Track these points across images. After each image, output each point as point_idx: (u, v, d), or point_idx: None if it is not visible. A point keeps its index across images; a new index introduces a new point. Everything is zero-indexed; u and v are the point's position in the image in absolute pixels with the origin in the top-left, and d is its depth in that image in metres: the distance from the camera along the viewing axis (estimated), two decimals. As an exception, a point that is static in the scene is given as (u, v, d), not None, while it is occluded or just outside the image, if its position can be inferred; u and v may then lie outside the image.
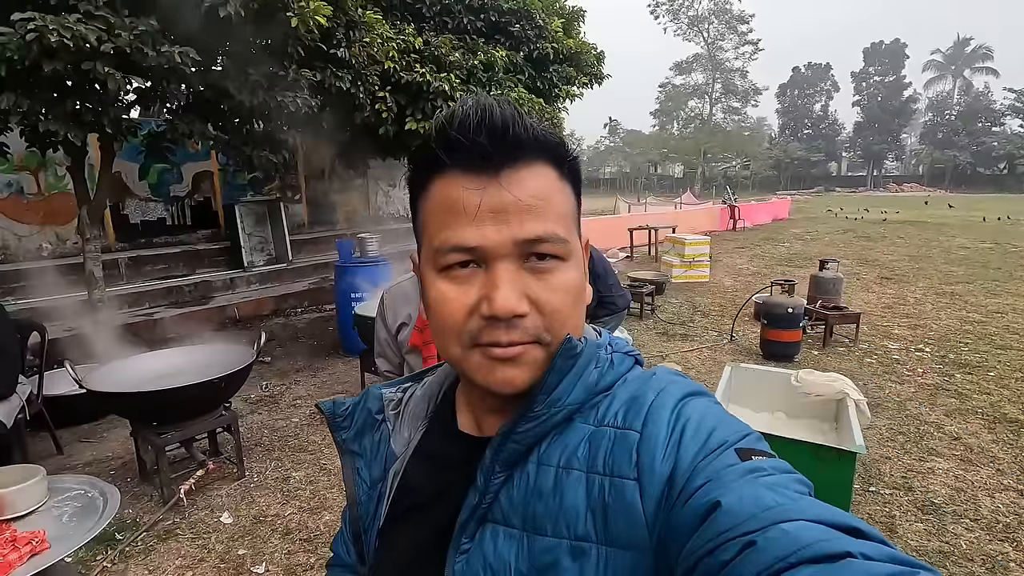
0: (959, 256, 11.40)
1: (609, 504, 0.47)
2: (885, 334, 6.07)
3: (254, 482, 3.34)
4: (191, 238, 7.76)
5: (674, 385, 0.53)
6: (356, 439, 0.66)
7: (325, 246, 8.84)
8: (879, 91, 54.28)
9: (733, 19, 47.90)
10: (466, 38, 6.04)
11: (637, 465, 0.47)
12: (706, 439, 0.47)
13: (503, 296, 0.48)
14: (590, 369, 0.53)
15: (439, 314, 0.53)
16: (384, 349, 1.71)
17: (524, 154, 0.50)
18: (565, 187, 0.53)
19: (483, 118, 0.49)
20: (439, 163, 0.51)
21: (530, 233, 0.49)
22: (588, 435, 0.51)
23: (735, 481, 0.42)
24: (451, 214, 0.51)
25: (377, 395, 0.67)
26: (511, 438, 0.52)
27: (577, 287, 0.53)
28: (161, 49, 3.44)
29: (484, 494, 0.52)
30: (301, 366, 5.44)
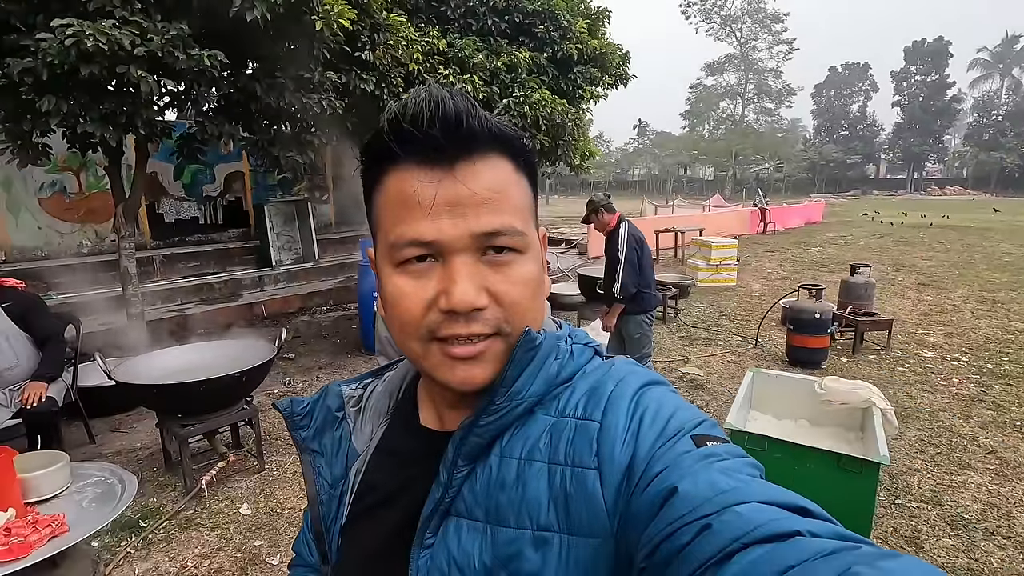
0: (1003, 262, 10.92)
1: (571, 494, 0.48)
2: (919, 342, 5.85)
3: (273, 475, 3.41)
4: (222, 237, 7.99)
5: (632, 375, 0.54)
6: (316, 438, 0.65)
7: (351, 246, 8.99)
8: (921, 91, 52.40)
9: (767, 18, 46.96)
10: (490, 40, 6.07)
11: (597, 455, 0.48)
12: (663, 427, 0.48)
13: (461, 290, 0.48)
14: (550, 361, 0.53)
15: (396, 309, 0.52)
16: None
17: (479, 146, 0.49)
18: (521, 180, 0.53)
19: (436, 110, 0.48)
20: (392, 156, 0.50)
21: (487, 226, 0.49)
22: (549, 426, 0.51)
23: (692, 467, 0.43)
24: (406, 208, 0.50)
25: (337, 392, 0.67)
26: (473, 432, 0.51)
27: (535, 279, 0.53)
28: (191, 52, 3.55)
29: (447, 488, 0.52)
30: (324, 363, 5.53)
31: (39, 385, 3.07)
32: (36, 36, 3.21)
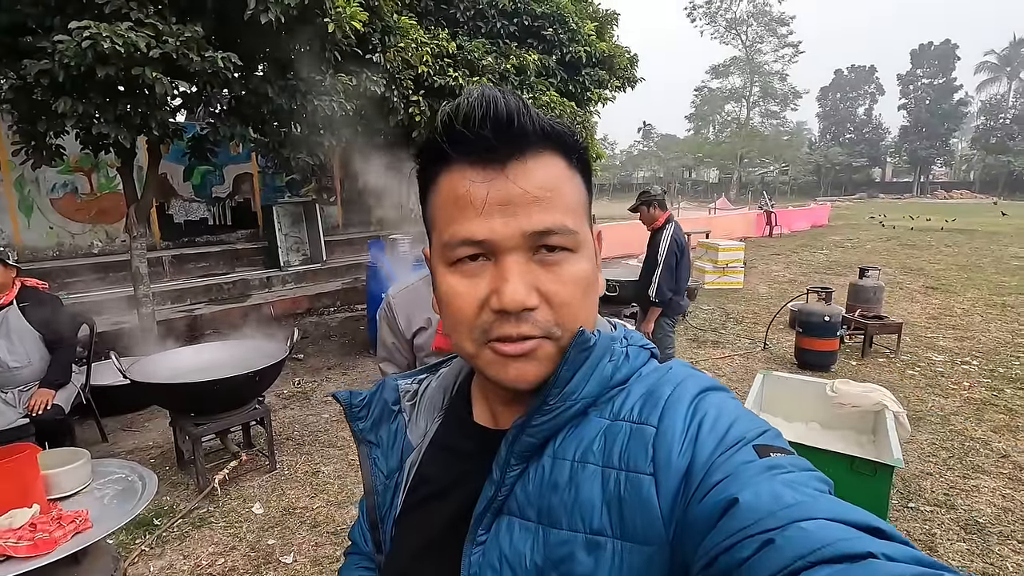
0: (1013, 266, 10.86)
1: (625, 498, 0.47)
2: (929, 345, 5.82)
3: (285, 475, 3.43)
4: (231, 238, 8.03)
5: (691, 379, 0.52)
6: (373, 429, 0.67)
7: (359, 247, 9.01)
8: (927, 94, 52.19)
9: (773, 21, 46.82)
10: (499, 42, 6.09)
11: (653, 460, 0.47)
12: (723, 435, 0.46)
13: (512, 289, 0.48)
14: (604, 362, 0.52)
15: (450, 308, 0.53)
16: (392, 354, 1.66)
17: (530, 145, 0.50)
18: (574, 177, 0.53)
19: (488, 110, 0.48)
20: (445, 157, 0.51)
21: (538, 225, 0.49)
22: (603, 429, 0.51)
23: (753, 478, 0.42)
24: (458, 208, 0.51)
25: (393, 386, 0.68)
26: (525, 431, 0.52)
27: (587, 279, 0.52)
28: (205, 55, 3.58)
29: (500, 487, 0.52)
30: (333, 364, 5.55)
31: (46, 392, 3.09)
32: (53, 38, 3.25)
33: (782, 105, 50.67)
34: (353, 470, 3.48)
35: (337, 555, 2.69)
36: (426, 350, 1.60)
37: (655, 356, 0.58)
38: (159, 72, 3.46)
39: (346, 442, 3.87)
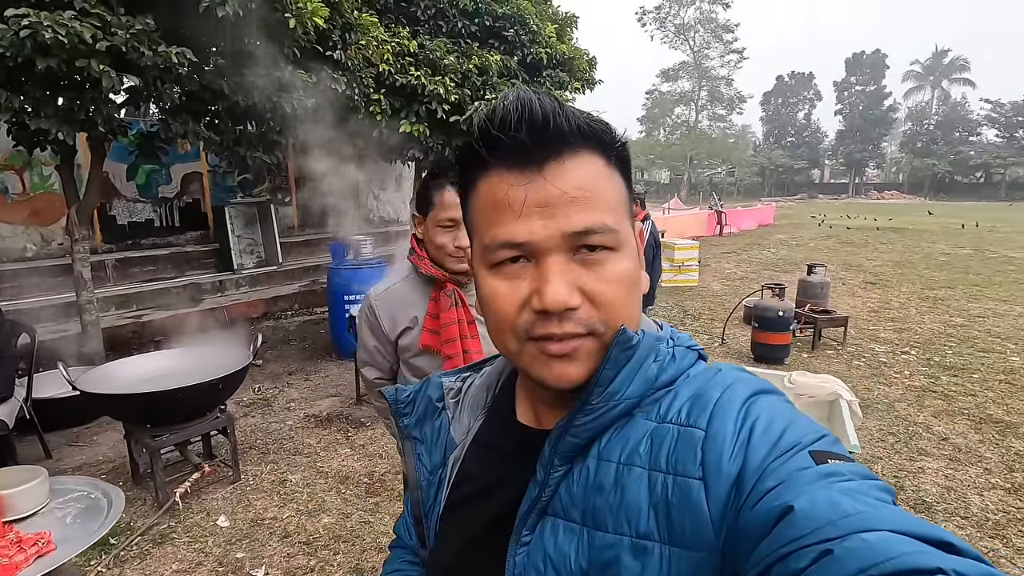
0: (940, 262, 11.65)
1: (672, 503, 0.46)
2: (872, 337, 6.18)
3: (250, 485, 3.30)
4: (179, 240, 7.67)
5: (741, 382, 0.51)
6: (417, 425, 0.67)
7: (316, 248, 8.79)
8: (860, 100, 55.30)
9: (719, 28, 48.52)
10: (460, 42, 6.06)
11: (702, 464, 0.46)
12: (777, 439, 0.45)
13: (553, 289, 0.48)
14: (648, 362, 0.52)
15: (492, 310, 0.53)
16: (374, 357, 1.63)
17: (567, 145, 0.50)
18: (613, 175, 0.53)
19: (523, 113, 0.49)
20: (483, 162, 0.52)
21: (578, 225, 0.49)
22: (650, 431, 0.50)
23: (809, 485, 0.40)
24: (498, 211, 0.51)
25: (437, 383, 0.68)
26: (569, 431, 0.52)
27: (630, 277, 0.52)
28: (158, 49, 3.41)
29: (543, 487, 0.52)
30: (294, 369, 5.39)
31: None
32: (-13, 26, 3.03)
33: (728, 109, 52.56)
34: (321, 477, 3.40)
35: (311, 565, 2.62)
36: (412, 350, 1.59)
37: (703, 357, 0.58)
38: (106, 65, 3.27)
39: (312, 449, 3.76)
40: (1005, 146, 47.24)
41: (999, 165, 45.75)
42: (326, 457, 3.65)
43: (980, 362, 5.29)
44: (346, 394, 4.70)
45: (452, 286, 1.52)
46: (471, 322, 1.52)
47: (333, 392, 4.78)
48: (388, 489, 3.25)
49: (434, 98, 5.52)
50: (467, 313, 1.52)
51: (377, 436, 3.93)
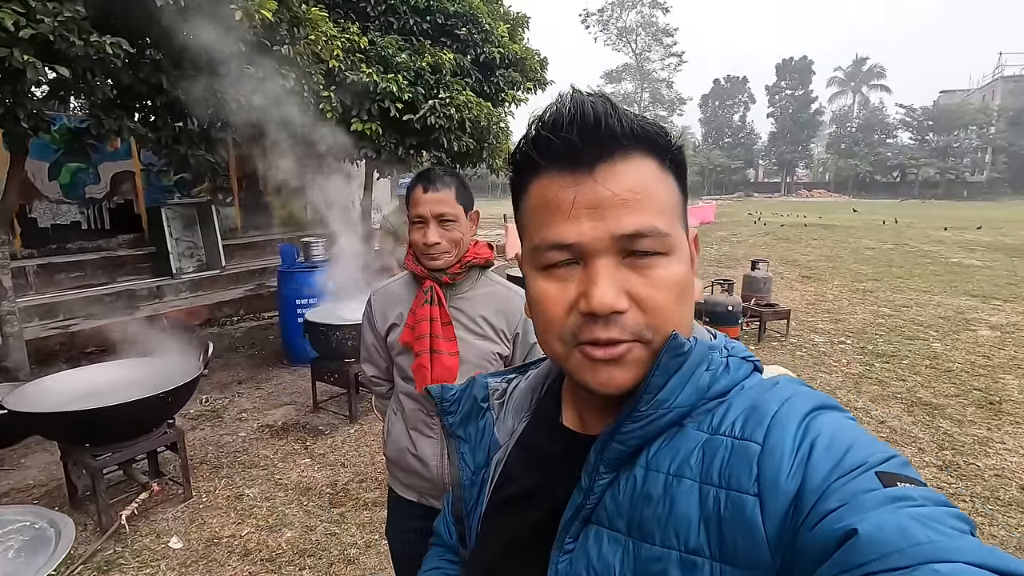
0: (867, 256, 12.47)
1: (725, 518, 0.45)
2: (811, 329, 6.54)
3: (203, 502, 3.13)
4: (110, 243, 7.17)
5: (801, 396, 0.49)
6: (461, 424, 0.67)
7: (261, 251, 8.45)
8: (790, 104, 58.42)
9: (659, 32, 50.05)
10: (412, 39, 5.97)
11: (758, 480, 0.44)
12: (840, 458, 0.43)
13: (600, 292, 0.48)
14: (700, 371, 0.51)
15: (539, 311, 0.53)
16: (371, 354, 1.66)
17: (620, 147, 0.49)
18: (667, 179, 0.52)
19: (574, 115, 0.49)
20: (535, 164, 0.52)
21: (627, 228, 0.49)
22: (702, 443, 0.49)
23: (876, 508, 0.38)
24: (547, 212, 0.51)
25: (483, 384, 0.68)
26: (615, 438, 0.51)
27: (681, 283, 0.51)
28: (90, 38, 3.16)
29: (588, 494, 0.52)
30: (243, 377, 5.15)
31: None
32: None
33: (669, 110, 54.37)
34: (280, 490, 3.26)
35: (276, 583, 2.51)
36: (396, 348, 1.58)
37: (758, 369, 0.56)
38: (31, 55, 3.01)
39: (269, 461, 3.61)
40: (917, 148, 51.16)
41: (913, 165, 49.46)
42: (284, 468, 3.51)
43: (908, 349, 5.70)
44: (302, 402, 4.54)
45: (430, 283, 1.50)
46: (447, 323, 1.50)
47: (287, 400, 4.60)
48: (352, 499, 3.16)
49: (387, 96, 5.40)
50: (443, 313, 1.50)
51: (338, 444, 3.81)
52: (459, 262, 1.50)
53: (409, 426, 1.58)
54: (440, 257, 1.47)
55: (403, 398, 1.61)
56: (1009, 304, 7.67)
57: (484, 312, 1.55)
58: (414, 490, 1.60)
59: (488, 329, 1.54)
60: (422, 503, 1.58)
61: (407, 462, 1.58)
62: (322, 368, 4.29)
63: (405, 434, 1.59)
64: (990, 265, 11.09)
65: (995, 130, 48.85)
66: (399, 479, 1.64)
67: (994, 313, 7.19)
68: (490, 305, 1.55)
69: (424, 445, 1.56)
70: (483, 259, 1.55)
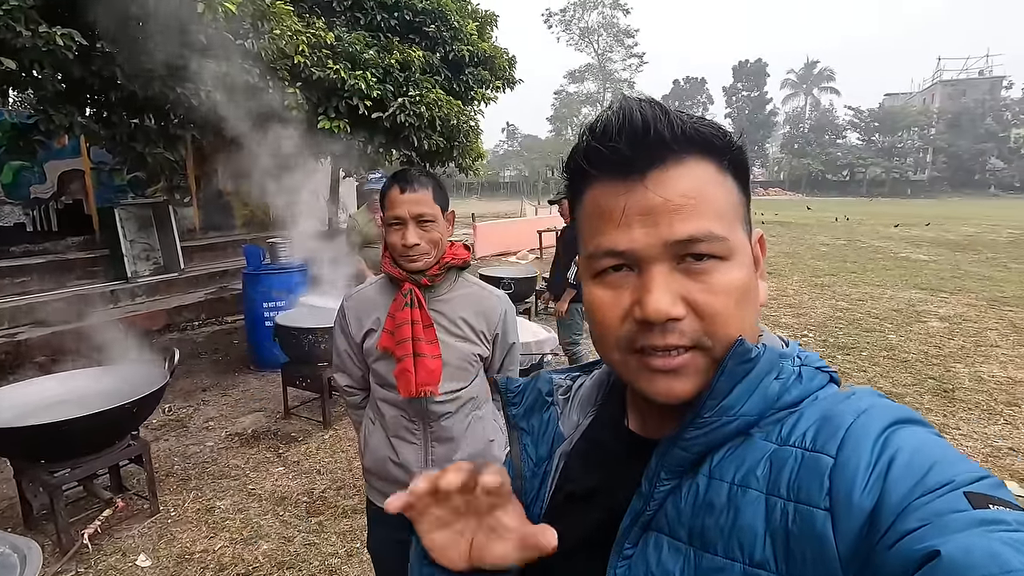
0: (822, 252, 12.96)
1: (793, 532, 0.43)
2: (775, 323, 6.74)
3: (171, 517, 2.99)
4: (59, 246, 6.79)
5: (879, 408, 0.47)
6: (525, 416, 0.66)
7: (222, 253, 8.16)
8: (746, 105, 60.31)
9: (620, 33, 50.77)
10: (380, 36, 5.86)
11: (830, 493, 0.43)
12: (923, 475, 0.40)
13: (655, 299, 0.47)
14: (769, 379, 0.49)
15: (594, 319, 0.53)
16: (345, 362, 1.60)
17: (671, 153, 0.49)
18: (725, 180, 0.51)
19: (623, 123, 0.48)
20: (587, 173, 0.52)
21: (681, 233, 0.48)
22: (769, 453, 0.47)
23: (963, 530, 0.36)
24: (600, 220, 0.51)
25: (547, 378, 0.68)
26: (677, 444, 0.50)
27: (741, 287, 0.49)
28: (39, 29, 2.98)
29: (648, 500, 0.51)
30: (208, 384, 4.95)
31: None
32: None
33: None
34: (254, 500, 3.15)
35: (254, 597, 2.42)
36: (374, 354, 1.53)
37: (835, 381, 0.54)
38: (-27, 46, 2.82)
39: (240, 470, 3.48)
40: (865, 148, 53.59)
41: (861, 165, 51.79)
42: (257, 478, 3.39)
43: (866, 341, 5.94)
44: (272, 408, 4.40)
45: (409, 285, 1.46)
46: (428, 325, 1.47)
47: (257, 407, 4.45)
48: (331, 506, 3.08)
49: (355, 93, 5.29)
50: (424, 316, 1.46)
51: (312, 451, 3.71)
52: (438, 263, 1.47)
53: (390, 433, 1.55)
54: (420, 259, 1.43)
55: (383, 405, 1.56)
56: (955, 296, 8.10)
57: (464, 314, 1.52)
58: None
59: (468, 331, 1.52)
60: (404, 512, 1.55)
61: (388, 471, 1.54)
62: (293, 373, 4.16)
63: (385, 442, 1.55)
64: (936, 259, 11.70)
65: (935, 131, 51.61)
66: (379, 489, 1.60)
67: (942, 305, 7.57)
68: (469, 306, 1.53)
69: (407, 452, 1.52)
70: (461, 260, 1.53)
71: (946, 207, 31.62)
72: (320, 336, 3.97)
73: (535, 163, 57.63)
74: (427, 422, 1.53)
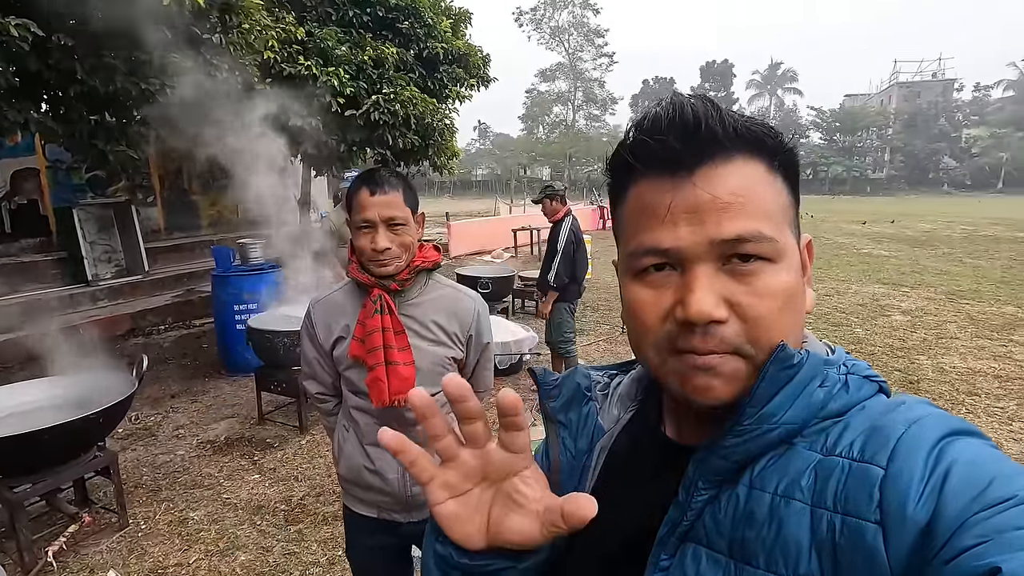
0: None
1: (841, 545, 0.42)
2: (748, 319, 6.88)
3: (142, 530, 2.88)
4: (12, 248, 6.47)
5: (933, 418, 0.45)
6: (563, 410, 0.64)
7: (189, 254, 7.91)
8: (713, 105, 61.46)
9: (591, 32, 51.12)
10: (352, 32, 5.75)
11: (880, 506, 0.41)
12: (983, 489, 0.39)
13: (698, 299, 0.45)
14: (813, 387, 0.47)
15: (633, 319, 0.51)
16: (315, 369, 1.55)
17: (721, 150, 0.47)
18: (775, 181, 0.50)
19: (673, 117, 0.47)
20: (633, 168, 0.50)
21: (728, 232, 0.46)
22: (814, 464, 0.45)
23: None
24: (644, 217, 0.49)
25: (585, 373, 0.66)
26: (717, 452, 0.48)
27: (788, 291, 0.48)
28: (-10, 19, 2.82)
29: (686, 510, 0.49)
30: (176, 391, 4.79)
31: None
32: None
33: (602, 109, 55.68)
34: (230, 510, 3.05)
35: (233, 611, 2.34)
36: (344, 362, 1.49)
37: (884, 391, 0.51)
38: (-83, 37, 2.64)
39: (214, 479, 3.37)
40: (827, 147, 55.26)
41: (824, 163, 53.40)
42: (232, 487, 3.29)
43: (835, 335, 6.11)
44: (245, 414, 4.28)
45: (379, 291, 1.42)
46: (399, 332, 1.43)
47: (229, 413, 4.32)
48: (310, 514, 3.01)
49: (327, 90, 5.18)
50: (395, 322, 1.42)
51: (289, 457, 3.62)
52: (408, 267, 1.43)
53: (364, 441, 1.51)
54: (391, 263, 1.39)
55: (355, 413, 1.52)
56: (916, 290, 8.41)
57: (436, 317, 1.49)
58: (373, 506, 1.53)
59: (441, 334, 1.49)
60: (383, 518, 1.52)
61: (364, 479, 1.51)
62: (267, 377, 4.05)
63: (360, 450, 1.51)
64: (896, 255, 12.13)
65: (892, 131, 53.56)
66: (356, 496, 1.56)
67: (904, 299, 7.85)
68: (441, 309, 1.50)
69: (382, 459, 1.49)
70: (432, 262, 1.48)
71: (904, 204, 32.86)
72: (295, 339, 3.87)
73: (507, 161, 57.62)
74: (402, 429, 1.49)
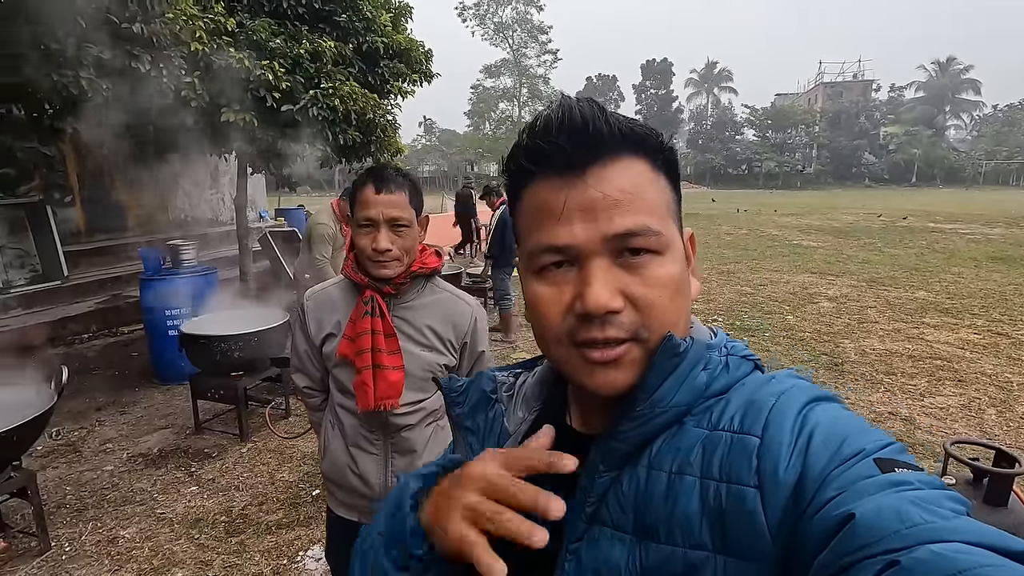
0: (727, 241, 13.89)
1: (727, 511, 0.45)
2: (688, 310, 7.15)
3: (66, 553, 2.70)
4: (-93, 255, 5.88)
5: (797, 389, 0.50)
6: (470, 415, 0.65)
7: (114, 257, 7.41)
8: (654, 102, 63.26)
9: (534, 29, 51.41)
10: (287, 24, 5.55)
11: (758, 471, 0.45)
12: (838, 447, 0.44)
13: (595, 292, 0.48)
14: (697, 371, 0.51)
15: (536, 315, 0.53)
16: (304, 363, 1.53)
17: (609, 149, 0.50)
18: (659, 179, 0.53)
19: (563, 119, 0.50)
20: (528, 170, 0.53)
21: (619, 228, 0.49)
22: (702, 439, 0.49)
23: (874, 493, 0.39)
24: (540, 216, 0.52)
25: (490, 376, 0.67)
26: (614, 437, 0.51)
27: (675, 281, 0.51)
28: None
29: (588, 494, 0.52)
30: (103, 403, 4.50)
31: None
32: None
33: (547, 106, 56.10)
34: (164, 525, 2.91)
35: (170, 630, 2.24)
36: (333, 360, 1.46)
37: (759, 368, 0.56)
38: None
39: (147, 494, 3.20)
40: (760, 144, 57.90)
41: (758, 159, 55.93)
42: (166, 501, 3.13)
43: (768, 322, 6.44)
44: (180, 424, 4.07)
45: (371, 293, 1.39)
46: (390, 335, 1.40)
47: (163, 424, 4.10)
48: (253, 524, 2.91)
49: (261, 84, 4.98)
50: (386, 325, 1.39)
51: (229, 466, 3.48)
52: (406, 272, 1.39)
53: (349, 443, 1.48)
54: (390, 265, 1.36)
55: (342, 412, 1.50)
56: (840, 279, 8.97)
57: (430, 321, 1.45)
58: (355, 509, 1.51)
59: (434, 339, 1.45)
60: (363, 522, 1.50)
61: (347, 480, 1.49)
62: (204, 384, 3.87)
63: (344, 451, 1.49)
64: (822, 245, 12.89)
65: (818, 129, 56.74)
66: (338, 497, 1.54)
67: (830, 287, 8.36)
68: (436, 314, 1.46)
69: (366, 463, 1.47)
70: (430, 269, 1.45)
71: (830, 198, 34.92)
72: (233, 344, 3.72)
73: (454, 157, 57.22)
74: (387, 433, 1.48)
